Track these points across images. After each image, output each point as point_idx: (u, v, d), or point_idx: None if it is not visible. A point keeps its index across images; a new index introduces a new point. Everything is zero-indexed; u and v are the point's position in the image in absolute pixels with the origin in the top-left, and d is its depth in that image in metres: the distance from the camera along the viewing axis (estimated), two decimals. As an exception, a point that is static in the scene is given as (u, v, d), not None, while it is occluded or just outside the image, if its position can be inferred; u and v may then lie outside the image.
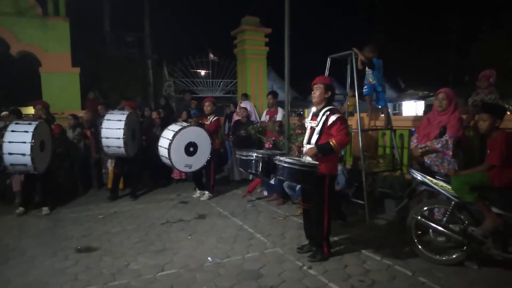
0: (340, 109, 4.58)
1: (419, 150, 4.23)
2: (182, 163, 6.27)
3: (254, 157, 3.89)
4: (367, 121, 6.14)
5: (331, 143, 3.66)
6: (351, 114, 6.87)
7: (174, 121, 7.58)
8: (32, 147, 5.34)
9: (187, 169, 6.47)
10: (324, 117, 3.78)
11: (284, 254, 4.07)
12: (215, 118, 6.74)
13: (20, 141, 5.34)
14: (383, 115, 6.02)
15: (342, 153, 5.89)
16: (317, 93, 3.89)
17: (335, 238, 4.44)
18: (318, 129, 3.81)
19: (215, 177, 6.90)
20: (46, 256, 4.12)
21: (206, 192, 6.72)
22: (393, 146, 5.63)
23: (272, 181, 6.04)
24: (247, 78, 11.05)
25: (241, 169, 4.42)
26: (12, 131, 5.42)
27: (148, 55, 17.28)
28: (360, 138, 4.98)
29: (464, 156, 4.38)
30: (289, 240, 4.50)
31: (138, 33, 17.74)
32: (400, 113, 25.75)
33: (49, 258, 4.04)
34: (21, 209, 5.79)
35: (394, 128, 5.63)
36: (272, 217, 5.49)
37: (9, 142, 5.34)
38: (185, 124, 6.62)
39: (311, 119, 3.97)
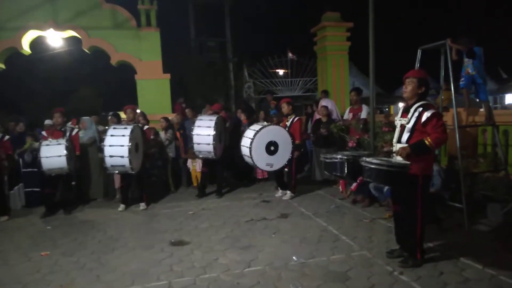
0: (434, 104, 4.23)
1: None
2: (263, 161, 6.37)
3: (338, 159, 3.78)
4: (465, 116, 5.61)
5: (426, 142, 3.35)
6: (446, 109, 6.32)
7: (256, 121, 7.74)
8: (129, 150, 5.87)
9: (268, 168, 6.55)
10: (416, 114, 3.48)
11: (372, 257, 3.89)
12: (297, 119, 6.70)
13: (119, 145, 5.90)
14: (483, 109, 5.44)
15: (436, 152, 5.44)
16: (409, 87, 3.59)
17: (430, 244, 4.12)
18: (409, 126, 3.52)
19: (296, 177, 6.89)
20: (144, 247, 4.50)
21: (288, 192, 6.74)
22: (496, 143, 5.05)
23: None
24: (327, 75, 10.86)
25: (326, 172, 4.35)
26: (112, 135, 6.00)
27: (229, 58, 17.99)
28: (457, 135, 4.56)
29: None
30: (377, 243, 4.29)
31: (219, 38, 18.60)
32: (502, 107, 22.99)
33: (147, 250, 4.41)
34: (122, 206, 6.40)
35: (496, 123, 5.05)
36: (357, 219, 5.29)
37: (110, 145, 5.94)
38: (266, 123, 6.72)
39: (401, 116, 3.69)
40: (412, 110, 3.55)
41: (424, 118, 3.41)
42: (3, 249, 4.67)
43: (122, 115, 9.30)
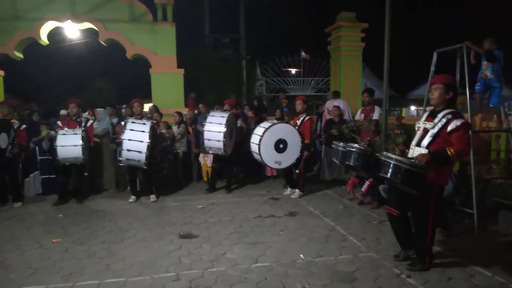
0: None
1: None
2: (272, 159, 6.39)
3: (355, 149, 3.73)
4: (478, 121, 5.54)
5: (448, 152, 3.26)
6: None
7: (264, 120, 7.76)
8: (148, 146, 5.96)
9: (276, 166, 6.57)
10: (444, 120, 3.38)
11: (380, 259, 3.89)
12: (308, 118, 6.70)
13: (138, 140, 5.99)
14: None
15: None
16: (436, 94, 3.48)
17: (438, 249, 4.10)
18: (433, 131, 3.42)
19: (305, 175, 6.90)
20: (153, 239, 4.57)
21: (297, 190, 6.75)
22: (510, 150, 4.98)
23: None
24: (340, 76, 10.81)
25: (334, 159, 4.27)
26: (131, 129, 6.09)
27: (243, 55, 18.00)
28: (470, 140, 4.50)
29: None
30: (385, 245, 4.29)
31: (234, 35, 18.63)
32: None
33: (157, 242, 4.48)
34: (133, 197, 6.52)
35: (511, 130, 4.98)
36: (366, 220, 5.29)
37: (129, 140, 6.02)
38: (275, 121, 6.73)
39: (426, 120, 3.60)
40: (440, 115, 3.44)
41: (452, 126, 3.31)
42: (16, 235, 4.78)
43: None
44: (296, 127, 6.53)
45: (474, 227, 4.46)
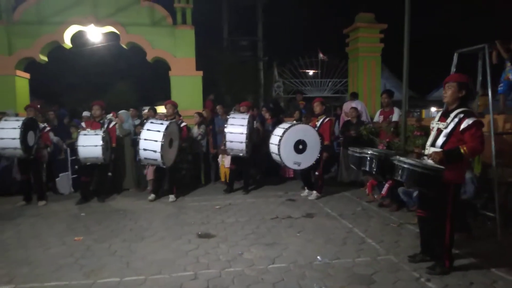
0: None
1: None
2: (291, 160, 6.39)
3: (369, 154, 3.74)
4: (501, 123, 5.40)
5: (461, 150, 3.28)
6: (481, 115, 6.11)
7: (281, 121, 7.78)
8: (162, 146, 6.05)
9: (295, 166, 6.57)
10: (456, 119, 3.40)
11: (399, 262, 3.85)
12: (327, 119, 6.67)
13: (153, 139, 6.10)
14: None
15: (470, 158, 5.28)
16: (448, 92, 3.50)
17: (457, 251, 4.02)
18: (446, 131, 3.44)
19: (323, 177, 6.87)
20: (172, 238, 4.64)
21: (314, 192, 6.73)
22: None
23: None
24: (358, 77, 10.72)
25: (352, 165, 4.29)
26: (148, 130, 6.21)
27: (260, 57, 18.06)
28: (492, 142, 4.41)
29: None
30: (404, 248, 4.23)
31: (251, 37, 18.72)
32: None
33: (175, 241, 4.55)
34: (152, 195, 6.65)
35: (537, 132, 4.85)
36: (384, 223, 5.23)
37: (145, 139, 6.14)
38: (295, 122, 6.74)
39: (439, 120, 3.62)
40: (452, 115, 3.46)
41: (464, 124, 3.33)
42: (40, 233, 4.94)
43: (159, 109, 9.62)
44: (316, 129, 6.52)
45: (496, 230, 4.35)
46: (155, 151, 6.07)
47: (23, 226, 5.24)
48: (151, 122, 6.35)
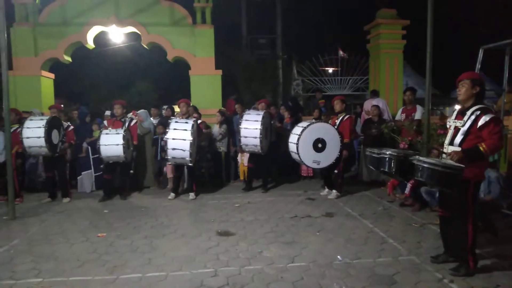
0: (493, 108, 4.01)
1: None
2: (310, 158, 6.34)
3: (388, 154, 3.70)
4: (530, 121, 5.21)
5: (480, 148, 3.25)
6: (508, 112, 5.91)
7: (300, 120, 7.74)
8: (191, 144, 6.14)
9: (315, 165, 6.50)
10: (473, 117, 3.37)
11: (421, 263, 3.77)
12: (347, 117, 6.59)
13: (181, 138, 6.19)
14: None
15: (496, 157, 5.13)
16: (462, 90, 3.49)
17: (483, 253, 3.91)
18: (464, 129, 3.41)
19: (343, 176, 6.80)
20: (193, 235, 4.70)
21: (334, 191, 6.67)
22: None
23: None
24: (380, 74, 10.54)
25: (371, 166, 4.24)
26: (174, 129, 6.29)
27: (279, 55, 17.98)
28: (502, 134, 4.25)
29: None
30: (426, 249, 4.14)
31: (270, 35, 18.66)
32: None
33: (195, 238, 4.60)
34: (172, 195, 6.73)
35: None
36: (406, 223, 5.13)
37: (173, 139, 6.23)
38: (314, 120, 6.69)
39: (456, 118, 3.58)
40: (468, 113, 3.43)
41: (481, 121, 3.30)
42: (65, 229, 5.08)
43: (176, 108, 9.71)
44: (335, 127, 6.46)
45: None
46: (184, 150, 6.17)
47: (48, 222, 5.40)
48: (176, 122, 6.43)
